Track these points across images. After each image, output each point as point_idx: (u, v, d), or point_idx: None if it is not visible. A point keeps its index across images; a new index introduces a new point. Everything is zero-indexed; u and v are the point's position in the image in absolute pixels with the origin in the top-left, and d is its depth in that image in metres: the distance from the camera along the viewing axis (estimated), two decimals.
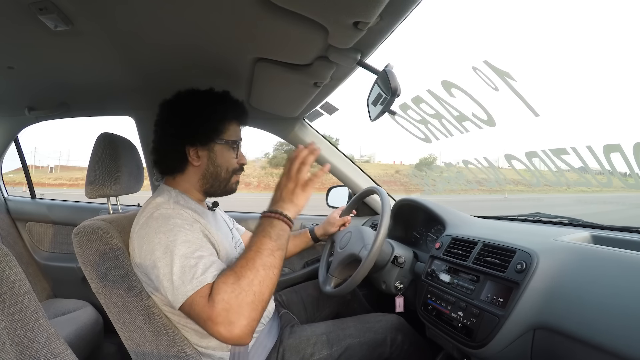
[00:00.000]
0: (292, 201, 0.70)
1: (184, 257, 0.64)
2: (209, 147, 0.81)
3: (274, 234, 0.66)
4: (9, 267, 0.42)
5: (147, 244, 0.68)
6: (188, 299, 0.61)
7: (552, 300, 0.64)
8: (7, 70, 0.98)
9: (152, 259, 0.66)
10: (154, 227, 0.69)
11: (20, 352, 0.40)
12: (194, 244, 0.67)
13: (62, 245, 1.67)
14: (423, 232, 1.27)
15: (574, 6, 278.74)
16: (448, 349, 0.92)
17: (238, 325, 0.58)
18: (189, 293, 0.61)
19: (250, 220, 1.53)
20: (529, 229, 0.93)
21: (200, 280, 0.61)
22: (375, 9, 0.55)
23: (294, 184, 0.71)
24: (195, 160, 0.81)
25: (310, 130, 1.44)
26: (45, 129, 33.75)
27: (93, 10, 0.67)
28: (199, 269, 0.63)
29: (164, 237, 0.67)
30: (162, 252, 0.65)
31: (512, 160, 0.96)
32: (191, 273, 0.62)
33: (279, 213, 0.68)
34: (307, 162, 0.73)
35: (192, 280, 0.61)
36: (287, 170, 0.72)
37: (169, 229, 0.68)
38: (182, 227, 0.69)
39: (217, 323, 0.58)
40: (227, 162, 0.84)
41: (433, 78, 49.64)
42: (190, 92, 0.84)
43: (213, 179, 0.83)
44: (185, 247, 0.66)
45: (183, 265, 0.63)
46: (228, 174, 0.85)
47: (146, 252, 0.68)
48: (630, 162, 0.72)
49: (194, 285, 0.61)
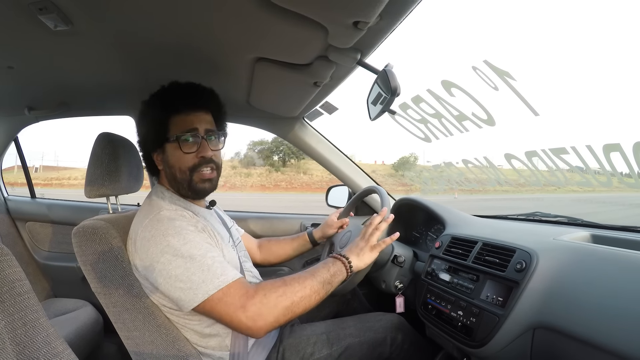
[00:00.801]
0: (359, 256, 0.81)
1: (200, 257, 0.67)
2: (163, 149, 0.81)
3: (332, 270, 0.75)
4: (8, 267, 0.42)
5: (155, 246, 0.68)
6: (217, 292, 0.65)
7: (552, 299, 0.64)
8: (7, 70, 0.98)
9: (162, 261, 0.67)
10: (162, 230, 0.69)
11: (20, 352, 0.40)
12: (205, 246, 0.70)
13: (62, 244, 1.67)
14: (423, 232, 1.27)
15: (574, 6, 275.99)
16: (448, 348, 0.92)
17: (265, 320, 0.64)
18: (212, 291, 0.65)
19: (250, 220, 1.53)
20: (528, 229, 0.93)
21: (222, 280, 0.66)
22: (375, 8, 0.55)
23: (364, 244, 0.82)
24: (160, 165, 0.83)
25: (310, 130, 1.44)
26: (32, 131, 33.65)
27: (93, 10, 0.67)
28: (217, 269, 0.67)
29: (173, 240, 0.68)
30: (172, 254, 0.67)
31: (512, 159, 0.96)
32: (211, 272, 0.66)
33: (346, 258, 0.78)
34: (380, 228, 0.84)
35: (214, 279, 0.66)
36: (363, 233, 0.84)
37: (177, 232, 0.69)
38: (188, 230, 0.70)
39: (248, 311, 0.64)
40: (178, 160, 0.78)
41: (433, 77, 49.80)
42: (143, 101, 0.83)
43: (174, 181, 0.81)
44: (197, 248, 0.68)
45: (201, 265, 0.66)
46: (184, 174, 0.79)
47: (154, 253, 0.68)
48: (630, 161, 0.72)
49: (216, 284, 0.65)
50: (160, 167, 0.83)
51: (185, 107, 0.79)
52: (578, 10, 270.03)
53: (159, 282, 0.68)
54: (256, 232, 1.52)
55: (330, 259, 0.78)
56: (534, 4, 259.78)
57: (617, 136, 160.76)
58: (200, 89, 0.82)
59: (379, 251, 0.83)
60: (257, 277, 0.95)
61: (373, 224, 0.84)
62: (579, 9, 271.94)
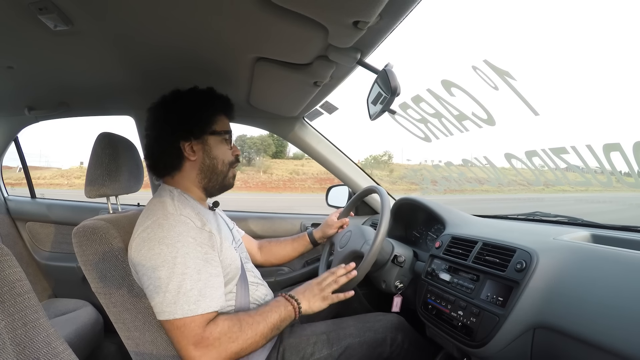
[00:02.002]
0: (310, 302, 0.80)
1: (182, 277, 0.67)
2: (202, 139, 0.83)
3: (283, 315, 0.76)
4: (9, 267, 0.42)
5: (148, 250, 0.68)
6: (178, 320, 0.65)
7: (552, 299, 0.64)
8: (6, 70, 0.98)
9: (148, 266, 0.67)
10: (159, 236, 0.69)
11: (20, 352, 0.40)
12: (194, 264, 0.69)
13: (62, 245, 1.67)
14: (423, 231, 1.27)
15: (574, 5, 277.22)
16: (448, 348, 0.92)
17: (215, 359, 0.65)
18: (178, 316, 0.65)
19: (250, 220, 1.53)
20: (528, 228, 0.93)
21: (192, 309, 0.66)
22: (375, 8, 0.55)
23: (318, 291, 0.82)
24: (191, 155, 0.82)
25: (310, 130, 1.44)
26: (29, 131, 33.68)
27: (93, 10, 0.67)
28: (194, 295, 0.67)
29: (165, 249, 0.68)
30: (159, 263, 0.67)
31: (512, 159, 0.96)
32: (185, 298, 0.66)
33: (297, 303, 0.78)
34: (338, 282, 0.84)
35: (184, 305, 0.66)
36: (321, 279, 0.84)
37: (172, 242, 0.69)
38: (185, 242, 0.70)
39: (200, 349, 0.65)
40: (223, 153, 0.86)
41: (433, 77, 49.46)
42: (175, 92, 0.86)
43: (211, 173, 0.85)
44: (184, 266, 0.68)
45: (179, 286, 0.66)
46: (225, 167, 0.86)
47: (144, 256, 0.68)
48: (630, 161, 0.72)
49: (185, 311, 0.65)
50: (192, 157, 0.82)
51: (227, 112, 0.89)
52: (578, 10, 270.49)
53: (142, 283, 0.70)
54: (256, 232, 1.52)
55: (283, 302, 0.78)
56: (534, 4, 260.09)
57: (617, 136, 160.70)
58: (232, 102, 0.91)
59: (329, 303, 0.82)
60: (259, 277, 0.95)
61: (335, 274, 0.84)
62: (579, 9, 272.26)
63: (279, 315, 0.75)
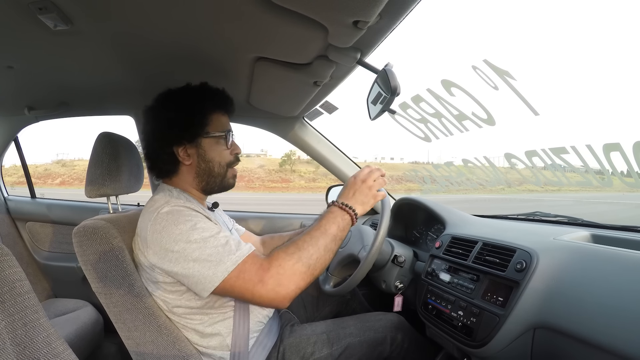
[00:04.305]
0: (363, 205, 0.77)
1: (212, 239, 0.67)
2: (196, 143, 0.81)
3: (342, 225, 0.73)
4: (9, 267, 0.42)
5: (168, 236, 0.68)
6: (234, 270, 0.65)
7: (552, 299, 0.64)
8: (6, 69, 0.98)
9: (177, 250, 0.67)
10: (172, 220, 0.69)
11: (21, 352, 0.40)
12: (215, 229, 0.70)
13: (62, 244, 1.67)
14: (423, 231, 1.27)
15: (574, 5, 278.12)
16: (448, 348, 0.92)
17: (286, 289, 0.65)
18: (231, 268, 0.65)
19: (250, 219, 1.53)
20: (528, 228, 0.93)
21: (239, 255, 0.66)
22: (375, 8, 0.55)
23: (368, 190, 0.78)
24: (186, 160, 0.81)
25: (310, 130, 1.44)
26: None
27: (93, 10, 0.67)
28: (232, 245, 0.68)
29: (184, 227, 0.68)
30: (185, 240, 0.67)
31: (512, 159, 0.96)
32: (226, 249, 0.67)
33: (352, 209, 0.75)
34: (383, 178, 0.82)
35: (230, 255, 0.66)
36: (365, 176, 0.80)
37: (187, 219, 0.69)
38: (197, 217, 0.71)
39: (267, 284, 0.64)
40: (219, 155, 0.83)
41: (433, 77, 49.36)
42: (167, 92, 0.83)
43: (207, 176, 0.83)
44: (208, 232, 0.69)
45: (215, 245, 0.67)
46: (222, 168, 0.84)
47: (167, 244, 0.67)
48: (630, 161, 0.72)
49: (234, 260, 0.66)
50: (187, 161, 0.81)
51: (223, 109, 0.86)
52: (578, 9, 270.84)
53: (176, 271, 0.67)
54: (256, 232, 1.52)
55: (338, 211, 0.75)
56: (534, 4, 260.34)
57: (617, 136, 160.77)
58: (230, 96, 0.88)
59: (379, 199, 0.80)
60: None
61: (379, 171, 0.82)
62: (579, 9, 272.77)
63: (338, 226, 0.73)
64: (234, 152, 0.86)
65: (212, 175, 0.83)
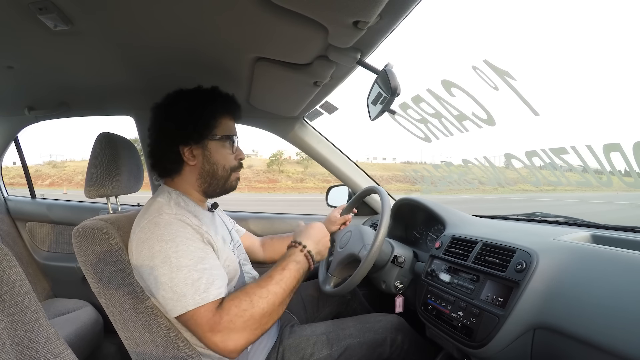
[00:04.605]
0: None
1: (187, 269, 0.66)
2: (202, 144, 0.81)
3: (301, 276, 0.75)
4: (8, 267, 0.42)
5: (148, 249, 0.68)
6: (189, 311, 0.64)
7: (552, 300, 0.64)
8: (6, 69, 0.98)
9: (151, 266, 0.67)
10: (157, 234, 0.68)
11: (20, 352, 0.40)
12: (197, 256, 0.69)
13: (62, 245, 1.67)
14: (423, 232, 1.27)
15: (574, 5, 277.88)
16: (448, 348, 0.92)
17: (234, 344, 0.64)
18: (190, 307, 0.64)
19: (250, 219, 1.53)
20: (528, 229, 0.93)
21: (203, 298, 0.65)
22: (375, 8, 0.55)
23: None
24: (190, 160, 0.81)
25: (310, 130, 1.44)
26: None
27: (93, 10, 0.67)
28: (202, 284, 0.66)
29: (165, 245, 0.67)
30: (161, 260, 0.66)
31: (512, 159, 0.96)
32: (194, 287, 0.65)
33: (312, 260, 0.79)
34: None
35: (195, 296, 0.64)
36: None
37: (171, 238, 0.68)
38: (184, 237, 0.69)
39: (217, 334, 0.63)
40: (224, 159, 0.83)
41: (433, 77, 49.14)
42: (178, 92, 0.84)
43: (210, 178, 0.83)
44: (187, 258, 0.67)
45: (186, 278, 0.65)
46: (225, 172, 0.84)
47: (145, 257, 0.68)
48: (630, 161, 0.72)
49: (196, 301, 0.64)
50: (191, 162, 0.81)
51: (232, 114, 0.87)
52: (578, 9, 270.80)
53: (147, 284, 0.69)
54: (257, 233, 1.52)
55: (302, 263, 0.77)
56: (534, 4, 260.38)
57: (617, 136, 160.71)
58: (238, 103, 0.89)
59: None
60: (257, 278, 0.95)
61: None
62: (579, 9, 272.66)
63: (297, 280, 0.74)
64: (238, 157, 0.86)
65: (215, 177, 0.83)
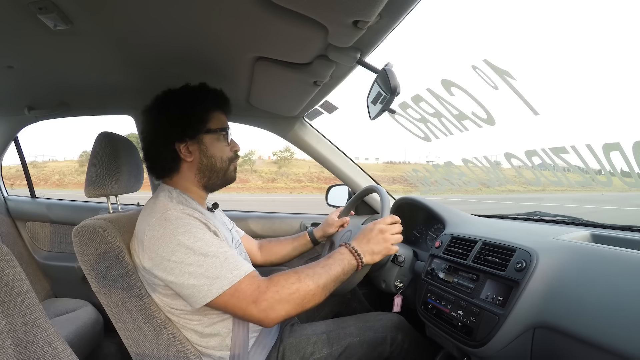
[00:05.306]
0: (373, 253, 0.80)
1: (212, 254, 0.68)
2: (198, 139, 0.82)
3: (347, 268, 0.76)
4: (8, 267, 0.42)
5: (165, 245, 0.68)
6: (230, 288, 0.66)
7: (552, 299, 0.64)
8: (6, 69, 0.98)
9: (174, 260, 0.67)
10: (171, 229, 0.69)
11: (20, 352, 0.40)
12: (215, 242, 0.71)
13: (62, 244, 1.67)
14: (423, 231, 1.27)
15: (574, 5, 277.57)
16: (448, 347, 0.92)
17: (276, 314, 0.66)
18: (226, 287, 0.66)
19: (250, 220, 1.53)
20: (528, 228, 0.93)
21: (240, 272, 0.68)
22: (375, 7, 0.55)
23: (383, 241, 0.81)
24: (187, 156, 0.82)
25: (309, 129, 1.44)
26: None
27: (92, 10, 0.67)
28: (231, 263, 0.68)
29: (183, 238, 0.68)
30: (184, 252, 0.67)
31: (512, 158, 0.96)
32: (224, 268, 0.67)
33: (360, 257, 0.78)
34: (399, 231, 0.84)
35: (227, 274, 0.67)
36: (384, 228, 0.82)
37: (187, 230, 0.69)
38: (197, 227, 0.71)
39: (262, 302, 0.66)
40: (220, 151, 0.85)
41: (433, 77, 48.91)
42: (167, 92, 0.85)
43: (210, 171, 0.84)
44: (208, 245, 0.69)
45: (214, 262, 0.67)
46: (224, 163, 0.86)
47: (165, 252, 0.68)
48: (630, 161, 0.72)
49: (233, 276, 0.67)
50: (189, 158, 0.82)
51: (222, 108, 0.88)
52: (578, 9, 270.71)
53: (171, 280, 0.68)
54: (256, 232, 1.52)
55: (347, 255, 0.77)
56: (534, 4, 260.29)
57: (617, 136, 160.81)
58: (227, 96, 0.90)
59: (391, 254, 0.83)
60: None
61: (399, 226, 0.84)
62: (579, 9, 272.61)
63: (342, 269, 0.75)
64: (233, 149, 0.88)
65: (214, 170, 0.84)
